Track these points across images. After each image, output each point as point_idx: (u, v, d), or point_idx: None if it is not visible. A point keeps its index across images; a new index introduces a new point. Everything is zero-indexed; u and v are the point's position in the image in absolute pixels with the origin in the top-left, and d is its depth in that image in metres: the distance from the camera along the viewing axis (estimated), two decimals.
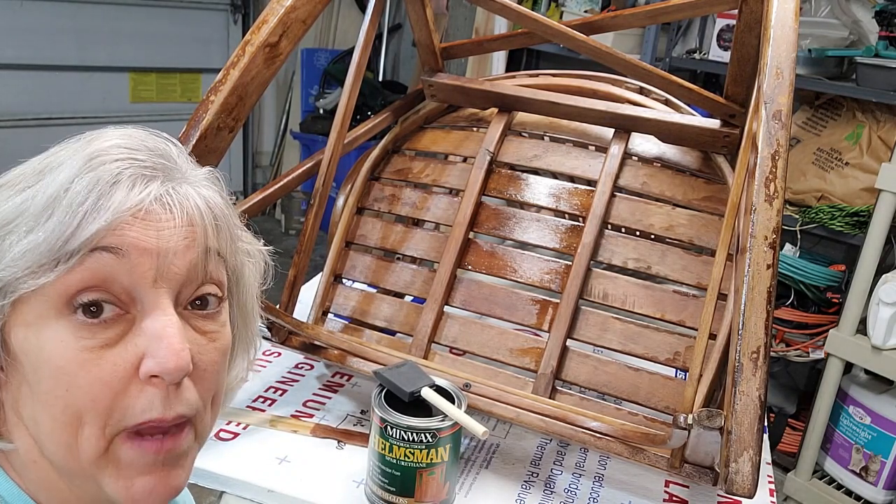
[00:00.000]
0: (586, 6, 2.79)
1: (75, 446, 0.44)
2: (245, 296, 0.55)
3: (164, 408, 0.45)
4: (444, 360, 0.95)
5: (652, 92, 1.06)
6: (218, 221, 0.49)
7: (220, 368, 0.49)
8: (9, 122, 3.53)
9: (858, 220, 2.06)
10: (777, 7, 0.74)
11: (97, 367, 0.43)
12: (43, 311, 0.43)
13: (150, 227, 0.44)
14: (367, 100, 3.65)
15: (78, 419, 0.43)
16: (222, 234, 0.49)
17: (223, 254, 0.49)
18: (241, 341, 0.56)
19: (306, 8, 0.89)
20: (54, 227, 0.42)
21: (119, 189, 0.44)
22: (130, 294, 0.44)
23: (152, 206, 0.45)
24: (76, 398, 0.43)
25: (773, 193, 0.68)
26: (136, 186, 0.44)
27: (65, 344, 0.43)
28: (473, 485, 0.85)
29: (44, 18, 3.54)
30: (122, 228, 0.43)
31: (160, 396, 0.44)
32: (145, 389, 0.44)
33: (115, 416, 0.44)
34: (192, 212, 0.47)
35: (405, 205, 1.04)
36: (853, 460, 2.03)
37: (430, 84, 1.09)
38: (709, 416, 0.65)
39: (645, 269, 0.91)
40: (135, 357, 0.44)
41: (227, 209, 0.50)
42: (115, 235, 0.43)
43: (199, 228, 0.47)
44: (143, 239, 0.44)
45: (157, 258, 0.44)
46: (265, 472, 0.83)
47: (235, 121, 0.86)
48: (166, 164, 0.47)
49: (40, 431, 0.45)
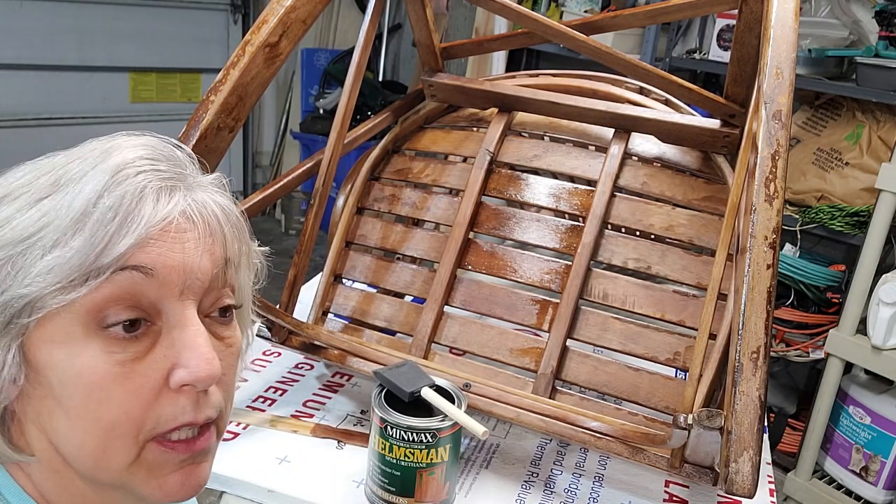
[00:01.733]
0: (586, 6, 2.79)
1: (106, 457, 0.45)
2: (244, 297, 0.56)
3: (195, 413, 0.46)
4: (444, 360, 0.95)
5: (652, 92, 1.06)
6: (234, 228, 0.50)
7: (235, 370, 0.52)
8: (9, 122, 3.53)
9: (858, 220, 2.06)
10: (777, 7, 0.74)
11: (129, 380, 0.44)
12: (70, 327, 0.44)
13: (177, 241, 0.45)
14: (367, 100, 3.65)
15: (110, 431, 0.44)
16: (238, 241, 0.51)
17: (237, 260, 0.51)
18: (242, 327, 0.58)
19: (306, 8, 0.89)
20: (84, 244, 0.43)
21: (146, 203, 0.44)
22: (157, 307, 0.45)
23: (177, 219, 0.46)
24: (109, 412, 0.44)
25: (773, 193, 0.68)
26: (161, 199, 0.45)
27: (96, 359, 0.44)
28: (473, 485, 0.85)
29: (44, 18, 3.54)
30: (150, 244, 0.44)
31: (191, 403, 0.46)
32: (176, 398, 0.46)
33: (148, 425, 0.45)
34: (212, 220, 0.48)
35: (405, 205, 1.04)
36: (853, 460, 2.03)
37: (430, 84, 1.09)
38: (709, 416, 0.65)
39: (645, 269, 0.91)
40: (165, 368, 0.45)
41: (238, 213, 0.52)
42: (143, 252, 0.44)
43: (219, 237, 0.48)
44: (169, 255, 0.45)
45: (183, 272, 0.46)
46: (265, 472, 0.83)
47: (235, 121, 0.86)
48: (183, 172, 0.48)
49: (67, 443, 0.45)
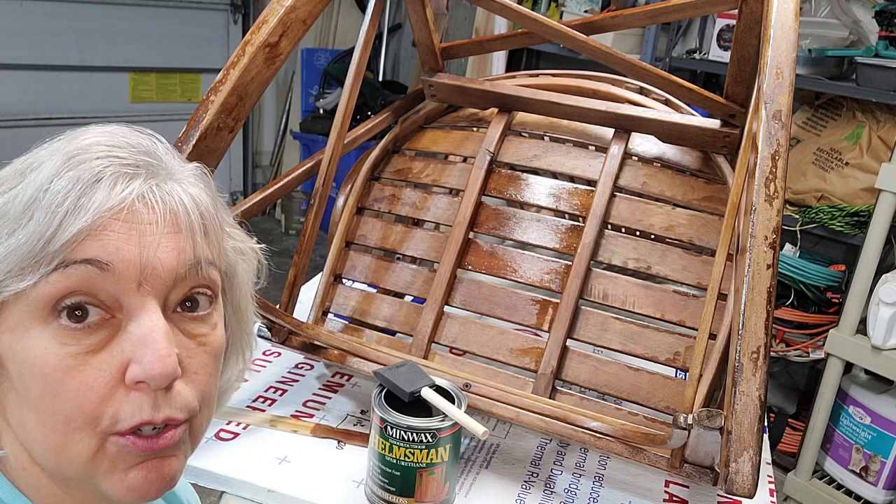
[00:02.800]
0: (586, 6, 2.79)
1: (66, 450, 0.44)
2: (239, 295, 0.54)
3: (152, 411, 0.44)
4: (444, 360, 0.95)
5: (652, 92, 1.06)
6: (205, 219, 0.47)
7: (212, 370, 0.48)
8: (9, 122, 3.53)
9: (858, 220, 2.06)
10: (777, 7, 0.74)
11: (82, 373, 0.43)
12: (26, 317, 0.43)
13: (133, 228, 0.43)
14: (367, 100, 3.65)
15: (67, 424, 0.43)
16: (210, 232, 0.48)
17: (212, 252, 0.48)
18: (236, 341, 0.56)
19: (306, 8, 0.89)
20: (35, 229, 0.41)
21: (100, 188, 0.43)
22: (116, 299, 0.44)
23: (135, 204, 0.43)
24: (63, 405, 0.43)
25: (773, 193, 0.68)
26: (118, 185, 0.43)
27: (49, 351, 0.42)
28: (473, 485, 0.85)
29: (44, 18, 3.54)
30: (104, 230, 0.42)
31: (148, 401, 0.44)
32: (132, 394, 0.43)
33: (105, 420, 0.43)
34: (177, 209, 0.45)
35: (405, 205, 1.04)
36: (853, 460, 2.03)
37: (430, 84, 1.09)
38: (709, 416, 0.65)
39: (645, 269, 0.91)
40: (120, 362, 0.43)
41: (215, 207, 0.49)
42: (98, 244, 0.42)
43: (185, 226, 0.46)
44: (125, 247, 0.43)
45: (140, 265, 0.43)
46: (265, 472, 0.83)
47: (235, 121, 0.86)
48: (150, 161, 0.46)
49: (30, 438, 0.44)
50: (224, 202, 0.53)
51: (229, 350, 0.55)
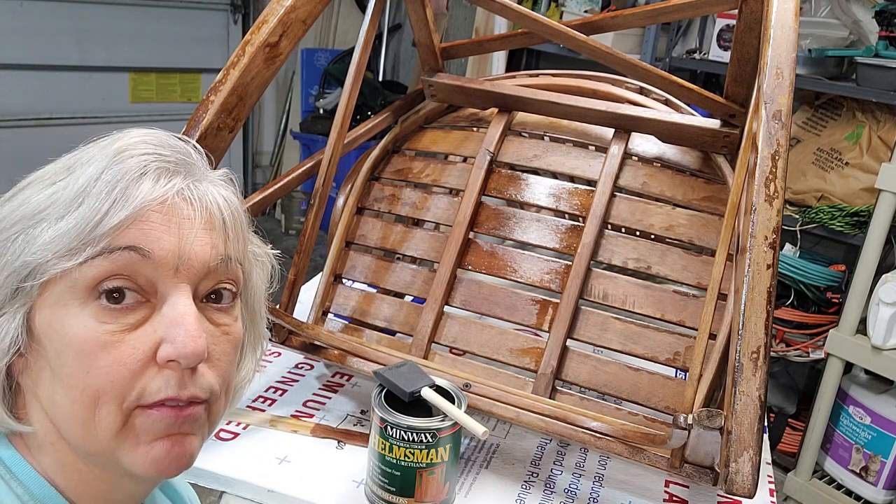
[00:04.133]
0: (586, 6, 2.79)
1: (93, 425, 0.46)
2: (253, 297, 0.57)
3: (178, 388, 0.47)
4: (444, 360, 0.95)
5: (652, 92, 1.06)
6: (234, 220, 0.51)
7: (232, 359, 0.52)
8: (9, 122, 3.53)
9: (858, 220, 2.06)
10: (777, 7, 0.74)
11: (117, 349, 0.46)
12: (68, 296, 0.46)
13: (173, 221, 0.47)
14: (367, 100, 3.65)
15: (96, 399, 0.46)
16: (238, 233, 0.52)
17: (238, 251, 0.52)
18: (248, 341, 0.58)
19: (306, 8, 0.89)
20: (84, 214, 0.45)
21: (145, 181, 0.47)
22: (153, 284, 0.47)
23: (175, 199, 0.48)
24: (95, 379, 0.45)
25: (773, 193, 0.68)
26: (161, 179, 0.47)
27: (87, 328, 0.45)
28: (473, 485, 0.85)
29: (44, 18, 3.54)
30: (147, 220, 0.46)
31: (176, 378, 0.47)
32: (162, 372, 0.47)
33: (133, 395, 0.46)
34: (212, 207, 0.49)
35: (405, 205, 1.04)
36: (853, 460, 2.03)
37: (430, 84, 1.09)
38: (709, 416, 0.65)
39: (645, 269, 0.91)
40: (153, 342, 0.46)
41: (242, 212, 0.53)
42: (140, 233, 0.46)
43: (218, 224, 0.50)
44: (165, 237, 0.47)
45: (178, 255, 0.47)
46: (265, 472, 0.83)
47: (235, 121, 0.86)
48: (188, 161, 0.50)
49: (59, 413, 0.47)
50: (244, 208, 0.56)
51: (243, 348, 0.58)
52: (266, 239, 0.59)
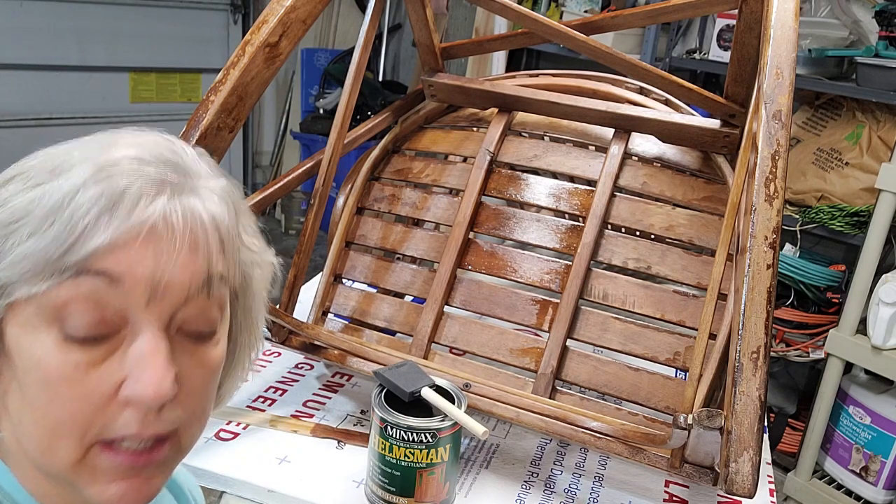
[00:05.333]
0: (586, 6, 2.79)
1: (52, 452, 0.44)
2: (251, 302, 0.54)
3: (141, 427, 0.44)
4: (444, 360, 0.95)
5: (652, 92, 1.06)
6: (223, 237, 0.47)
7: (208, 387, 0.49)
8: (9, 122, 3.53)
9: (858, 220, 2.06)
10: (777, 7, 0.74)
11: (80, 384, 0.43)
12: (36, 318, 0.43)
13: (150, 249, 0.43)
14: (367, 100, 3.65)
15: (57, 429, 0.43)
16: (227, 249, 0.48)
17: (226, 268, 0.48)
18: (243, 347, 0.56)
19: (306, 8, 0.89)
20: (54, 237, 0.42)
21: (122, 206, 0.43)
22: (123, 315, 0.44)
23: (156, 223, 0.43)
24: (56, 409, 0.43)
25: (773, 193, 0.68)
26: (141, 203, 0.43)
27: (52, 356, 0.43)
28: (473, 485, 0.85)
29: (44, 18, 3.54)
30: (121, 248, 0.42)
31: (138, 417, 0.44)
32: (125, 409, 0.44)
33: (93, 430, 0.44)
34: (196, 227, 0.45)
35: (405, 205, 1.04)
36: (853, 460, 2.03)
37: (430, 84, 1.09)
38: (709, 416, 0.65)
39: (645, 269, 0.91)
40: (118, 378, 0.44)
41: (235, 221, 0.49)
42: (113, 257, 0.42)
43: (202, 248, 0.46)
44: (140, 263, 0.43)
45: (152, 283, 0.43)
46: (265, 472, 0.83)
47: (235, 121, 0.86)
48: (177, 177, 0.46)
49: (22, 430, 0.45)
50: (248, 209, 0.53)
51: (237, 356, 0.55)
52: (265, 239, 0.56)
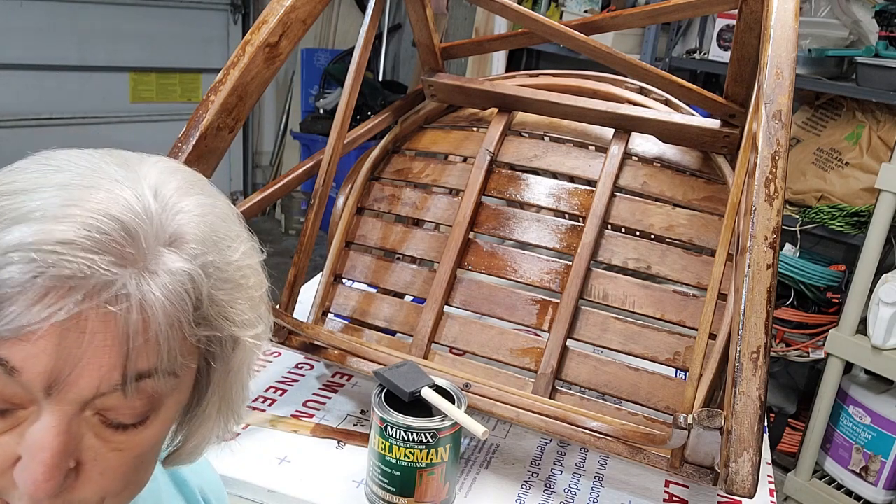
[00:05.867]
0: (586, 6, 2.79)
1: None
2: (231, 379, 0.48)
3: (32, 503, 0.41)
4: (444, 360, 0.95)
5: (652, 92, 1.06)
6: (159, 332, 0.40)
7: (128, 470, 0.44)
8: (9, 122, 3.53)
9: (858, 220, 2.06)
10: (777, 7, 0.74)
11: None
12: None
13: (52, 343, 0.38)
14: (367, 100, 3.65)
15: None
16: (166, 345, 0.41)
17: (155, 368, 0.41)
18: (218, 413, 0.50)
19: (306, 8, 0.89)
20: None
21: (26, 296, 0.37)
22: (24, 401, 0.40)
23: (66, 322, 0.38)
24: None
25: (773, 193, 0.68)
26: (49, 296, 0.37)
27: None
28: (473, 485, 0.85)
29: (44, 18, 3.54)
30: (21, 340, 0.38)
31: (30, 495, 0.40)
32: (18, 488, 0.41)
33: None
34: (118, 328, 0.39)
35: (405, 205, 1.04)
36: (853, 460, 2.03)
37: (430, 84, 1.09)
38: (709, 416, 0.65)
39: (645, 269, 0.91)
40: (14, 454, 0.41)
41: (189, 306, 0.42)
42: (10, 346, 0.38)
43: (120, 347, 0.39)
44: (38, 358, 0.38)
45: (49, 379, 0.39)
46: (265, 472, 0.83)
47: (235, 121, 0.86)
48: (120, 250, 0.39)
49: None
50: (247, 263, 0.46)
51: (201, 421, 0.50)
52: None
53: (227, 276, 0.44)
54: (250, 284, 0.46)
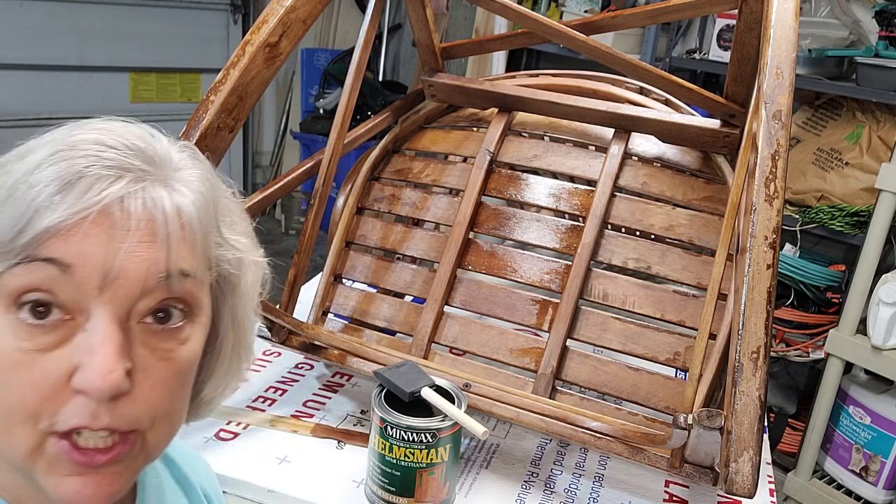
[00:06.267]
0: (586, 6, 2.79)
1: (9, 440, 0.43)
2: (238, 302, 0.52)
3: (91, 418, 0.43)
4: (444, 360, 0.95)
5: (652, 92, 1.06)
6: (190, 234, 0.45)
7: (173, 386, 0.47)
8: (9, 122, 3.53)
9: (858, 220, 2.06)
10: (777, 7, 0.74)
11: (29, 371, 0.42)
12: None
13: (103, 233, 0.42)
14: (367, 100, 3.65)
15: (11, 416, 0.43)
16: (194, 243, 0.45)
17: (193, 264, 0.46)
18: (228, 348, 0.54)
19: (306, 8, 0.89)
20: (8, 219, 0.41)
21: (77, 187, 0.41)
22: (77, 303, 0.42)
23: (111, 208, 0.42)
24: (8, 397, 0.42)
25: (773, 193, 0.68)
26: (96, 185, 0.42)
27: (3, 341, 0.42)
28: (473, 485, 0.85)
29: (44, 18, 3.54)
30: (75, 230, 0.41)
31: (89, 407, 0.42)
32: (75, 398, 0.43)
33: (45, 418, 0.43)
34: (156, 216, 0.43)
35: (405, 205, 1.04)
36: (853, 460, 2.03)
37: (430, 84, 1.09)
38: (709, 416, 0.65)
39: (645, 269, 0.91)
40: (69, 366, 0.42)
41: (211, 221, 0.47)
42: (63, 243, 0.41)
43: (162, 240, 0.43)
44: (91, 249, 0.41)
45: (104, 272, 0.42)
46: (265, 472, 0.83)
47: (235, 121, 0.86)
48: (140, 165, 0.44)
49: None
50: (237, 208, 0.51)
51: (220, 357, 0.53)
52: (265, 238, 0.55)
53: (227, 207, 0.50)
54: (243, 217, 0.52)
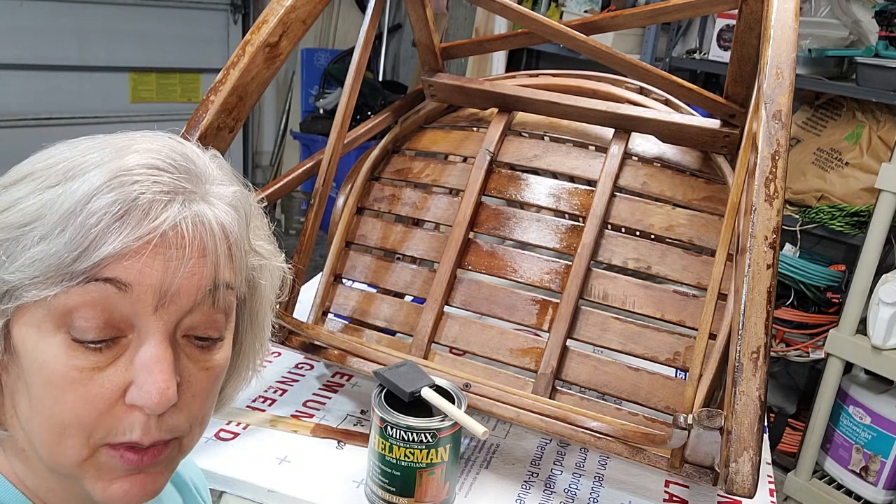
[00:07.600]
0: (586, 6, 2.79)
1: (58, 451, 0.45)
2: (258, 306, 0.55)
3: (142, 433, 0.45)
4: (444, 360, 0.95)
5: (652, 92, 1.06)
6: (232, 248, 0.48)
7: (210, 393, 0.50)
8: (9, 122, 3.53)
9: (858, 220, 2.06)
10: (777, 7, 0.74)
11: (84, 388, 0.44)
12: (43, 321, 0.44)
13: (159, 256, 0.44)
14: (367, 100, 3.65)
15: (63, 430, 0.45)
16: (235, 261, 0.48)
17: (233, 276, 0.49)
18: (248, 349, 0.57)
19: (306, 8, 0.89)
20: (66, 244, 0.42)
21: (134, 214, 0.43)
22: (129, 321, 0.45)
23: (165, 233, 0.44)
24: (62, 412, 0.44)
25: (773, 193, 0.68)
26: (152, 212, 0.44)
27: (57, 359, 0.44)
28: (473, 485, 0.85)
29: (44, 18, 3.54)
30: (131, 256, 0.43)
31: (141, 422, 0.45)
32: (130, 413, 0.45)
33: (99, 432, 0.45)
34: (206, 235, 0.46)
35: (405, 205, 1.04)
36: (853, 460, 2.03)
37: (430, 84, 1.09)
38: (709, 416, 0.65)
39: (645, 269, 0.91)
40: (123, 382, 0.45)
41: (244, 228, 0.49)
42: (121, 265, 0.43)
43: (211, 256, 0.46)
44: (148, 271, 0.44)
45: (160, 291, 0.44)
46: (265, 472, 0.83)
47: (235, 121, 0.86)
48: (187, 186, 0.46)
49: (30, 429, 0.46)
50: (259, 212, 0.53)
51: (241, 358, 0.56)
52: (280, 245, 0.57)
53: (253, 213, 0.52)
54: (264, 220, 0.54)
